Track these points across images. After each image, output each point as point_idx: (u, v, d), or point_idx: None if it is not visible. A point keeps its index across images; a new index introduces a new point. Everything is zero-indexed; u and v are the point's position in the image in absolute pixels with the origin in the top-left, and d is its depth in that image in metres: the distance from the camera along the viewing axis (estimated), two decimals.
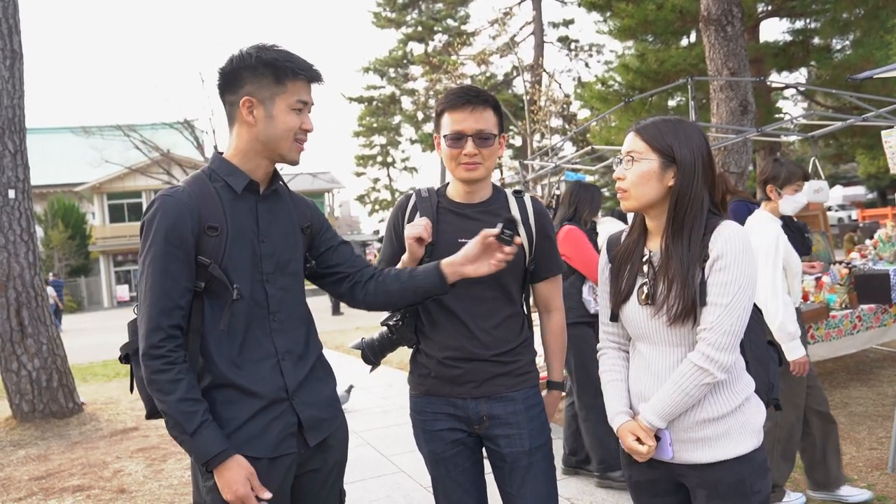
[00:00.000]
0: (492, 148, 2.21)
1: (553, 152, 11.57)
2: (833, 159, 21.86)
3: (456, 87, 2.35)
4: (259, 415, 1.89)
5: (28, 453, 5.99)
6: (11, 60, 7.02)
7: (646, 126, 1.94)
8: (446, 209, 2.30)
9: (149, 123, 27.86)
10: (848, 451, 4.32)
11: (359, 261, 2.17)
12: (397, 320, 2.34)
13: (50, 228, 32.64)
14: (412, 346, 2.38)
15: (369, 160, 41.08)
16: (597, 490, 4.16)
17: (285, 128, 1.89)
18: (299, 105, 1.90)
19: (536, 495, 2.22)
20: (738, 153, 8.28)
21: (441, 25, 36.26)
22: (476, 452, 2.33)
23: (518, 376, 2.25)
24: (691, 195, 1.87)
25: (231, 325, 1.89)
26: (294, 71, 1.88)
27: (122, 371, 10.68)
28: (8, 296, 6.90)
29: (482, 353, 2.21)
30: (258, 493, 1.82)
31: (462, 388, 2.24)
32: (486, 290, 2.21)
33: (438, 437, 2.29)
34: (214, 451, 1.79)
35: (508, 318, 2.26)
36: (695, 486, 1.91)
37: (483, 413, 2.23)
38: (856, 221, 28.17)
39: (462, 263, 2.03)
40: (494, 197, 2.31)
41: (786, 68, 14.73)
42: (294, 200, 2.10)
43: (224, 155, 1.97)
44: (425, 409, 2.32)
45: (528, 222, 2.27)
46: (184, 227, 1.83)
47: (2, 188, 6.91)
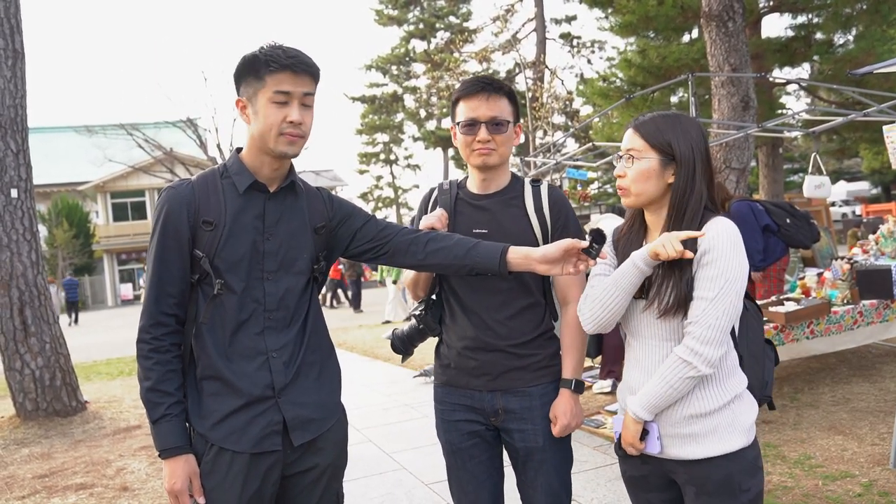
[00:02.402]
0: (505, 135, 2.24)
1: (555, 149, 11.56)
2: (836, 155, 21.79)
3: (471, 76, 2.39)
4: (242, 410, 1.92)
5: (31, 451, 6.01)
6: (13, 60, 7.03)
7: (644, 123, 1.95)
8: (463, 200, 2.34)
9: (152, 122, 27.82)
10: (850, 447, 4.32)
11: (387, 230, 2.15)
12: (422, 310, 2.39)
13: (54, 227, 32.71)
14: (436, 335, 2.42)
15: (372, 158, 41.07)
16: (600, 486, 4.16)
17: (267, 122, 1.90)
18: (280, 97, 1.88)
19: (548, 490, 2.25)
20: (739, 149, 8.26)
21: (443, 23, 36.27)
22: (494, 445, 2.35)
23: (535, 371, 2.25)
24: (692, 191, 1.88)
25: (221, 319, 1.93)
26: (268, 63, 1.87)
27: (125, 370, 10.71)
28: (11, 295, 6.92)
29: (497, 343, 2.23)
30: (195, 494, 1.90)
31: (478, 381, 2.26)
32: (501, 281, 2.22)
33: (455, 428, 2.32)
34: (168, 445, 1.89)
35: (525, 308, 2.26)
36: (684, 482, 1.91)
37: (498, 406, 2.25)
38: (859, 217, 28.08)
39: (538, 260, 2.00)
40: (511, 186, 2.33)
41: (788, 64, 14.67)
42: (311, 199, 2.09)
43: (241, 153, 2.02)
44: (445, 400, 2.36)
45: (543, 211, 2.27)
46: (179, 220, 1.89)
47: (4, 188, 6.92)
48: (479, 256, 2.04)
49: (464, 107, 2.25)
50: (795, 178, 30.88)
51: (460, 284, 2.28)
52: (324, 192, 2.17)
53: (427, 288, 2.42)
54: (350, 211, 2.17)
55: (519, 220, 2.26)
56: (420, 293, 2.44)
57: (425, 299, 2.42)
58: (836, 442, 4.46)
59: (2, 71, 6.93)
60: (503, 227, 2.25)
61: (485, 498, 2.34)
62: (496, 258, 2.03)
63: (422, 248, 2.09)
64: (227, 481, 1.91)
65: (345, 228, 2.13)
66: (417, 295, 2.45)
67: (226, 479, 1.91)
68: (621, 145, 1.99)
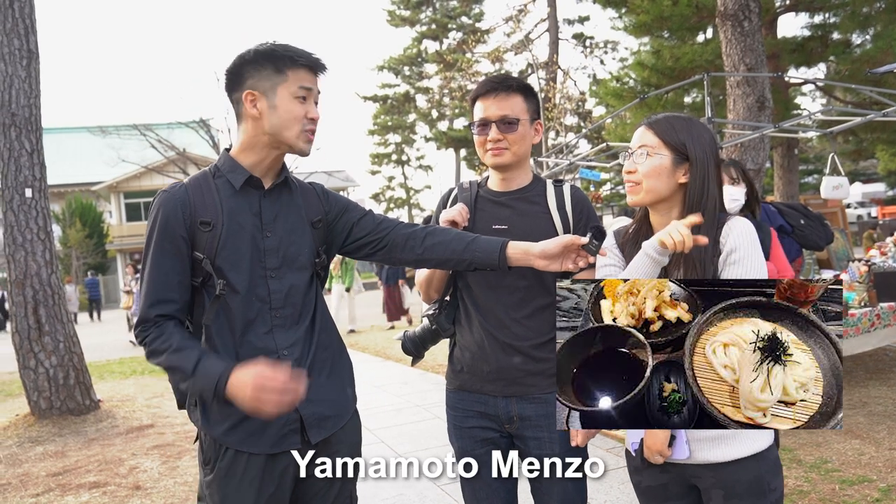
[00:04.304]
0: (517, 133, 2.21)
1: (568, 150, 11.53)
2: (852, 156, 21.58)
3: (486, 76, 2.39)
4: None
5: (45, 450, 6.04)
6: (28, 60, 7.07)
7: (658, 121, 1.94)
8: (484, 198, 2.33)
9: (165, 123, 27.95)
10: (867, 451, 4.26)
11: (384, 224, 2.12)
12: (436, 310, 2.36)
13: (67, 227, 32.94)
14: (448, 336, 2.39)
15: (384, 158, 41.08)
16: (613, 489, 4.13)
17: (290, 116, 1.88)
18: (302, 92, 1.89)
19: (564, 498, 2.20)
20: (755, 150, 8.20)
21: (455, 23, 36.24)
22: (507, 452, 2.28)
23: (552, 377, 2.18)
24: (708, 193, 1.87)
25: (228, 321, 1.90)
26: (292, 59, 1.88)
27: (137, 369, 10.76)
28: (25, 294, 6.96)
29: (513, 343, 2.19)
30: (276, 373, 1.76)
31: (493, 386, 2.23)
32: (520, 280, 2.19)
33: (469, 435, 2.29)
34: (217, 374, 1.77)
35: (543, 308, 2.22)
36: (710, 486, 1.88)
37: (514, 413, 2.21)
38: (875, 219, 27.87)
39: (537, 255, 1.96)
40: (532, 185, 2.31)
41: (804, 64, 14.53)
42: (304, 194, 2.08)
43: (230, 152, 1.98)
44: (457, 405, 2.32)
45: (565, 208, 2.26)
46: (175, 223, 1.85)
47: (19, 187, 6.96)
48: (479, 251, 2.01)
49: (478, 107, 2.25)
50: (810, 180, 30.63)
51: (476, 283, 2.25)
52: (317, 187, 2.14)
53: (441, 289, 2.39)
54: (346, 205, 2.15)
55: (540, 217, 2.24)
56: (433, 294, 2.40)
57: (439, 300, 2.39)
58: (852, 446, 4.40)
59: (17, 71, 6.97)
60: (524, 224, 2.23)
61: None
62: (496, 253, 1.99)
63: (420, 243, 2.06)
64: (243, 485, 1.88)
65: (342, 222, 2.11)
66: (430, 296, 2.41)
67: (242, 483, 1.88)
68: (631, 142, 1.97)
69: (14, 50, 6.96)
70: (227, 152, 1.99)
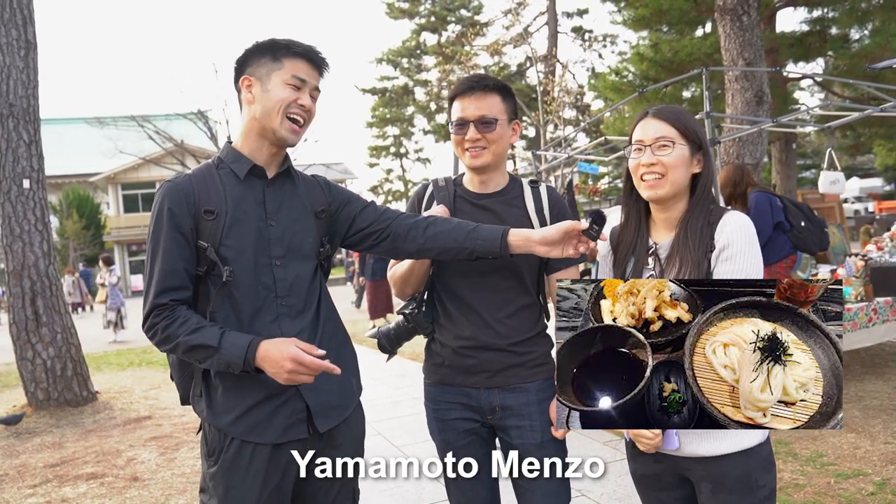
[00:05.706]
0: (495, 133, 2.21)
1: (566, 143, 11.50)
2: (850, 150, 21.61)
3: (466, 76, 2.37)
4: (264, 402, 1.90)
5: (43, 441, 6.05)
6: (26, 51, 7.05)
7: (667, 112, 1.93)
8: (463, 198, 2.31)
9: (163, 114, 27.88)
10: (862, 445, 4.29)
11: (386, 215, 2.13)
12: (413, 308, 2.34)
13: (65, 218, 32.85)
14: (427, 335, 2.38)
15: (382, 151, 40.99)
16: (610, 482, 4.15)
17: (277, 99, 1.91)
18: (295, 81, 1.92)
19: (547, 489, 2.21)
20: (753, 144, 8.20)
21: (454, 16, 36.10)
22: (489, 443, 2.32)
23: (532, 368, 2.24)
24: (712, 182, 1.91)
25: (234, 311, 1.90)
26: (289, 48, 1.92)
27: (135, 360, 10.76)
28: (23, 285, 6.96)
29: (496, 342, 2.21)
30: (308, 350, 1.78)
31: (475, 378, 2.24)
32: (502, 280, 2.21)
33: (451, 427, 2.29)
34: (245, 344, 1.79)
35: (524, 308, 2.25)
36: (699, 479, 1.90)
37: (496, 403, 2.23)
38: (872, 214, 27.89)
39: (538, 242, 1.99)
40: (510, 186, 2.32)
41: (802, 58, 14.53)
42: (307, 185, 2.10)
43: (233, 144, 2.01)
44: (439, 399, 2.33)
45: (543, 212, 2.26)
46: (181, 212, 1.87)
47: (17, 178, 6.95)
48: (481, 239, 2.02)
49: (456, 106, 2.25)
50: (808, 175, 30.66)
51: (459, 282, 2.25)
52: (319, 178, 2.17)
53: (418, 286, 2.35)
54: (348, 196, 2.17)
55: (521, 221, 2.24)
56: (409, 290, 2.36)
57: (417, 298, 2.37)
58: (848, 440, 4.42)
59: (14, 61, 6.95)
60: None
61: (482, 496, 2.31)
62: (497, 240, 2.01)
63: (422, 233, 2.07)
64: (248, 477, 1.89)
65: (344, 213, 2.12)
66: (405, 293, 2.37)
67: (247, 473, 1.89)
68: (641, 134, 1.93)
69: (12, 40, 6.94)
70: (229, 144, 2.02)
